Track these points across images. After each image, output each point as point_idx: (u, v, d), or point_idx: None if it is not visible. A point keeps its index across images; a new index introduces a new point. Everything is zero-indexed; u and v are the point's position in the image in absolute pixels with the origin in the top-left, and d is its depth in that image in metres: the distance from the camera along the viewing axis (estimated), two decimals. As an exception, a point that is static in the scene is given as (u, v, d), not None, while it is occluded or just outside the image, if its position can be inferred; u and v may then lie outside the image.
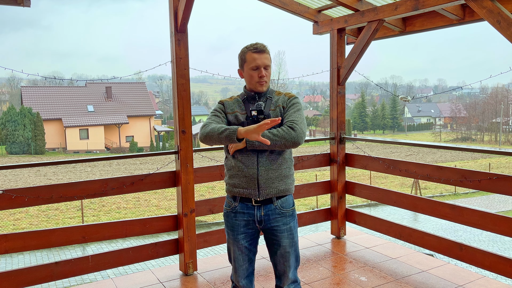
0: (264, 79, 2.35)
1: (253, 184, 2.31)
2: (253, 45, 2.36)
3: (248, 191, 2.32)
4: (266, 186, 2.31)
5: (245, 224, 2.37)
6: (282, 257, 2.38)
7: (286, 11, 4.36)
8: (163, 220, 3.78)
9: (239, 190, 2.35)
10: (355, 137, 4.78)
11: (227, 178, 2.43)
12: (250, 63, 2.34)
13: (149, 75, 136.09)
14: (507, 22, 2.87)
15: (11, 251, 3.17)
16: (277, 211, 2.35)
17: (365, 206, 17.89)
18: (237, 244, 2.40)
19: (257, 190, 2.31)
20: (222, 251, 10.49)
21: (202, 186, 19.92)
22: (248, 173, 2.31)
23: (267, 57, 2.36)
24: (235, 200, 2.39)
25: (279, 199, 2.36)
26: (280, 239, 2.36)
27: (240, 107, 2.42)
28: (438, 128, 77.32)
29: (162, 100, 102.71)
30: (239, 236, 2.38)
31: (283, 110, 2.39)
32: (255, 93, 2.40)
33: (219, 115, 2.42)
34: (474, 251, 3.47)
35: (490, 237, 13.34)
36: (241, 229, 2.38)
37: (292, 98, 2.43)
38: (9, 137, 39.04)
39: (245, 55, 2.36)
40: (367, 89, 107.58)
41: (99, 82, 46.33)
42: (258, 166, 2.31)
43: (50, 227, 4.15)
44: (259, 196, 2.32)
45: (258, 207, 2.34)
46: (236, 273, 2.45)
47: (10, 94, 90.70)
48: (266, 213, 2.34)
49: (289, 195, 2.40)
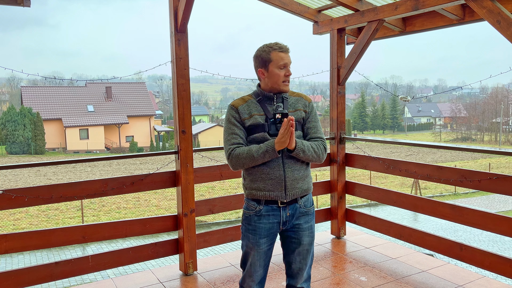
0: (288, 78, 2.34)
1: (280, 186, 2.28)
2: (277, 44, 2.33)
3: (275, 194, 2.29)
4: (292, 187, 2.30)
5: (270, 227, 2.33)
6: (300, 255, 2.37)
7: (286, 11, 4.36)
8: (163, 220, 3.78)
9: (264, 193, 2.30)
10: (355, 137, 4.78)
11: (248, 182, 2.36)
12: (277, 61, 2.30)
13: (149, 75, 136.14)
14: (507, 22, 2.86)
15: (11, 251, 3.17)
16: (301, 210, 2.35)
17: (365, 206, 17.89)
18: (257, 248, 2.34)
19: (284, 192, 2.29)
20: (222, 251, 10.50)
21: (202, 186, 19.92)
22: (274, 175, 2.28)
23: (290, 56, 2.35)
24: (259, 203, 2.33)
25: (302, 198, 2.36)
26: (301, 237, 2.36)
27: (257, 108, 2.34)
28: (438, 128, 77.32)
29: (162, 100, 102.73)
30: (261, 240, 2.33)
31: (305, 115, 2.38)
32: (273, 93, 2.35)
33: (236, 129, 2.32)
34: (474, 251, 3.47)
35: (490, 237, 13.34)
36: (264, 232, 2.33)
37: (311, 102, 2.44)
38: (9, 137, 39.05)
39: (269, 55, 2.31)
40: (367, 89, 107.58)
41: (99, 82, 46.32)
42: (285, 168, 2.29)
43: (50, 227, 4.15)
44: (285, 198, 2.29)
45: (283, 208, 2.32)
46: (250, 278, 2.39)
47: (10, 94, 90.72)
48: (291, 214, 2.33)
49: (309, 194, 2.41)
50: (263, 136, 2.29)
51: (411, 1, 3.58)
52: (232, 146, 2.30)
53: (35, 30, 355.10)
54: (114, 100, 46.82)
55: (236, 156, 2.27)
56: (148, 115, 47.04)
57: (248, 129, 2.32)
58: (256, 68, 2.38)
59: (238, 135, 2.31)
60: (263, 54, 2.32)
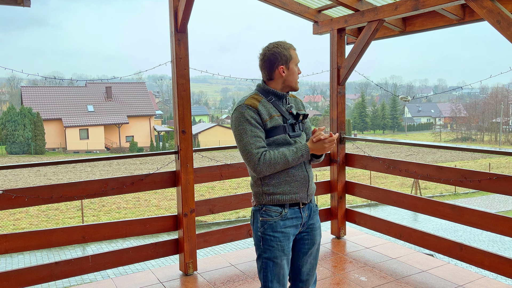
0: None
1: (304, 187, 2.26)
2: (285, 42, 2.28)
3: (300, 196, 2.25)
4: (311, 187, 2.32)
5: (294, 231, 2.27)
6: (312, 255, 2.35)
7: (286, 11, 4.36)
8: (163, 220, 3.78)
9: (290, 197, 2.22)
10: (355, 137, 4.78)
11: (269, 188, 2.22)
12: (296, 59, 2.27)
13: (149, 75, 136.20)
14: (507, 22, 2.86)
15: (11, 251, 3.17)
16: (313, 209, 2.37)
17: (365, 206, 17.89)
18: (287, 256, 2.24)
19: (306, 193, 2.28)
20: (222, 251, 10.49)
21: (202, 186, 19.92)
22: (299, 176, 2.24)
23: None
24: (284, 207, 2.23)
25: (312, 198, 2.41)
26: (314, 237, 2.34)
27: (273, 108, 2.25)
28: (438, 128, 77.31)
29: (162, 100, 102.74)
30: (290, 245, 2.25)
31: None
32: (288, 91, 2.31)
33: (259, 132, 2.19)
34: (474, 251, 3.47)
35: (490, 237, 13.34)
36: (291, 237, 2.26)
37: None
38: (9, 137, 39.05)
39: (289, 51, 2.24)
40: (367, 89, 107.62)
41: (99, 82, 46.33)
42: (307, 169, 2.29)
43: (50, 227, 4.15)
44: (307, 199, 2.29)
45: (303, 208, 2.29)
46: None
47: (10, 94, 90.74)
48: (308, 214, 2.32)
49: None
50: (284, 138, 2.22)
51: (411, 1, 3.58)
52: (260, 150, 2.16)
53: (36, 30, 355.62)
54: (114, 100, 46.81)
55: (268, 161, 2.14)
56: (148, 115, 47.04)
57: (267, 131, 2.21)
58: (273, 66, 2.24)
59: (261, 138, 2.18)
60: (284, 51, 2.24)
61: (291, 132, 2.24)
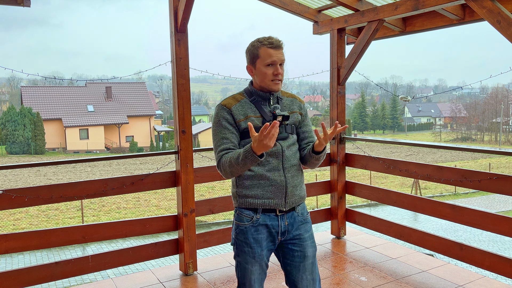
0: (279, 77, 2.10)
1: (281, 193, 2.09)
2: (267, 39, 2.09)
3: (274, 202, 2.09)
4: (292, 194, 2.13)
5: (268, 236, 2.12)
6: (307, 270, 2.14)
7: (286, 11, 4.36)
8: (163, 220, 3.78)
9: (263, 201, 2.09)
10: (355, 137, 4.78)
11: (241, 190, 2.13)
12: (264, 59, 2.07)
13: (149, 75, 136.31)
14: (507, 22, 2.86)
15: (11, 251, 3.17)
16: (299, 218, 2.17)
17: (365, 206, 17.89)
18: (260, 262, 2.12)
19: (284, 200, 2.10)
20: (222, 251, 10.49)
21: (202, 186, 19.92)
22: (275, 181, 2.09)
23: (283, 53, 2.11)
24: (256, 212, 2.11)
25: (299, 206, 2.19)
26: (304, 249, 2.15)
27: (251, 109, 2.13)
28: (438, 128, 77.33)
29: (162, 100, 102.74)
30: (263, 253, 2.12)
31: (301, 118, 2.24)
32: (268, 92, 2.14)
33: (227, 133, 2.09)
34: (474, 251, 3.47)
35: (490, 237, 13.34)
36: (264, 243, 2.12)
37: (305, 104, 2.30)
38: (9, 137, 39.05)
39: (258, 50, 2.09)
40: (367, 89, 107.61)
41: (99, 82, 46.33)
42: (285, 173, 2.11)
43: (50, 227, 4.15)
44: (285, 206, 2.11)
45: (281, 216, 2.12)
46: None
47: (10, 94, 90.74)
48: (290, 223, 2.14)
49: (304, 201, 2.25)
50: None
51: (411, 1, 3.58)
52: (221, 153, 2.06)
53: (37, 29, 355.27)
54: (114, 100, 46.82)
55: (223, 163, 2.04)
56: (148, 115, 47.04)
57: (243, 132, 2.11)
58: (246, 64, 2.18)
59: (229, 140, 2.08)
60: (252, 49, 2.11)
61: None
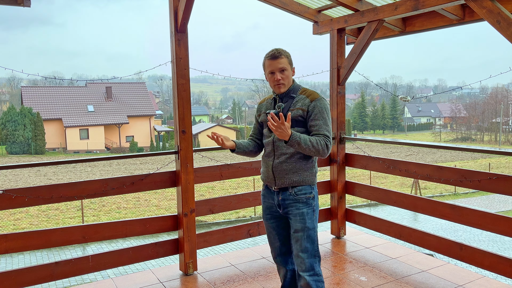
0: (281, 82, 2.56)
1: (271, 173, 2.61)
2: (269, 52, 2.59)
3: (268, 180, 2.65)
4: (281, 177, 2.57)
5: (269, 206, 2.69)
6: (295, 240, 2.56)
7: (286, 11, 4.36)
8: (163, 220, 3.78)
9: (263, 178, 2.70)
10: (355, 137, 4.78)
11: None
12: (266, 69, 2.62)
13: (149, 75, 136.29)
14: (507, 22, 2.87)
15: (11, 251, 3.17)
16: (291, 197, 2.57)
17: (365, 206, 17.89)
18: (265, 222, 2.75)
19: (274, 179, 2.60)
20: (222, 251, 10.50)
21: (202, 186, 19.92)
22: (267, 164, 2.64)
23: (281, 61, 2.55)
24: (263, 185, 2.75)
25: (295, 188, 2.57)
26: (293, 223, 2.56)
27: (268, 107, 2.71)
28: (438, 128, 77.30)
29: (162, 100, 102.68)
30: (266, 216, 2.73)
31: (304, 113, 2.54)
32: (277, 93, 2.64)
33: (255, 123, 2.85)
34: (474, 251, 3.47)
35: (490, 237, 13.34)
36: (267, 210, 2.72)
37: (315, 101, 2.55)
38: (9, 137, 39.04)
39: (264, 62, 2.63)
40: (367, 89, 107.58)
41: (99, 82, 46.35)
42: (274, 159, 2.60)
43: (50, 227, 4.15)
44: (275, 185, 2.60)
45: (277, 192, 2.62)
46: (271, 248, 2.78)
47: (10, 94, 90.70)
48: (282, 198, 2.59)
49: (306, 185, 2.57)
50: (266, 131, 2.67)
51: (411, 1, 3.58)
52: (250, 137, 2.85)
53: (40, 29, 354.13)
54: (114, 100, 46.80)
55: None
56: (148, 115, 47.03)
57: (260, 125, 2.79)
58: None
59: (254, 128, 2.83)
60: (263, 61, 2.66)
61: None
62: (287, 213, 2.60)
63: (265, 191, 2.73)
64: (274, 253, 2.77)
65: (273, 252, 2.78)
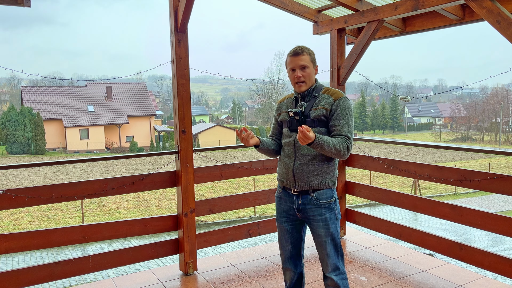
0: (301, 80, 2.49)
1: (290, 175, 2.51)
2: (292, 49, 2.52)
3: (286, 182, 2.54)
4: (302, 179, 2.47)
5: (287, 209, 2.58)
6: (319, 245, 2.52)
7: (286, 11, 4.36)
8: (163, 220, 3.78)
9: (281, 180, 2.59)
10: (355, 137, 4.77)
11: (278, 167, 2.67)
12: (288, 65, 2.55)
13: (149, 75, 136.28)
14: (507, 22, 2.87)
15: (11, 251, 3.17)
16: (313, 202, 2.48)
17: (365, 206, 17.89)
18: (279, 226, 2.64)
19: (294, 182, 2.50)
20: (222, 251, 10.50)
21: (202, 186, 19.92)
22: (286, 164, 2.53)
23: (303, 58, 2.48)
24: (280, 187, 2.64)
25: (316, 192, 2.48)
26: (316, 228, 2.50)
27: (288, 106, 2.64)
28: (438, 128, 77.27)
29: (162, 100, 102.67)
30: (281, 219, 2.62)
31: (327, 113, 2.47)
32: (298, 92, 2.56)
33: (274, 122, 2.76)
34: (474, 251, 3.47)
35: (490, 237, 13.34)
36: (282, 213, 2.61)
37: (339, 100, 2.47)
38: (10, 137, 39.04)
39: (286, 59, 2.56)
40: (367, 89, 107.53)
41: (99, 82, 46.36)
42: (295, 160, 2.50)
43: (50, 227, 4.15)
44: (295, 188, 2.50)
45: (296, 196, 2.52)
46: (281, 251, 2.68)
47: (11, 94, 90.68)
48: (303, 203, 2.50)
49: (327, 189, 2.50)
50: (286, 131, 2.58)
51: (411, 1, 3.58)
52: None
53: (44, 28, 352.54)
54: (114, 100, 46.80)
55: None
56: (148, 115, 47.03)
57: (280, 124, 2.70)
58: None
59: (274, 128, 2.74)
60: (286, 58, 2.58)
61: (292, 126, 2.52)
62: (307, 217, 2.52)
63: (282, 193, 2.61)
64: (284, 256, 2.68)
65: (282, 255, 2.69)
